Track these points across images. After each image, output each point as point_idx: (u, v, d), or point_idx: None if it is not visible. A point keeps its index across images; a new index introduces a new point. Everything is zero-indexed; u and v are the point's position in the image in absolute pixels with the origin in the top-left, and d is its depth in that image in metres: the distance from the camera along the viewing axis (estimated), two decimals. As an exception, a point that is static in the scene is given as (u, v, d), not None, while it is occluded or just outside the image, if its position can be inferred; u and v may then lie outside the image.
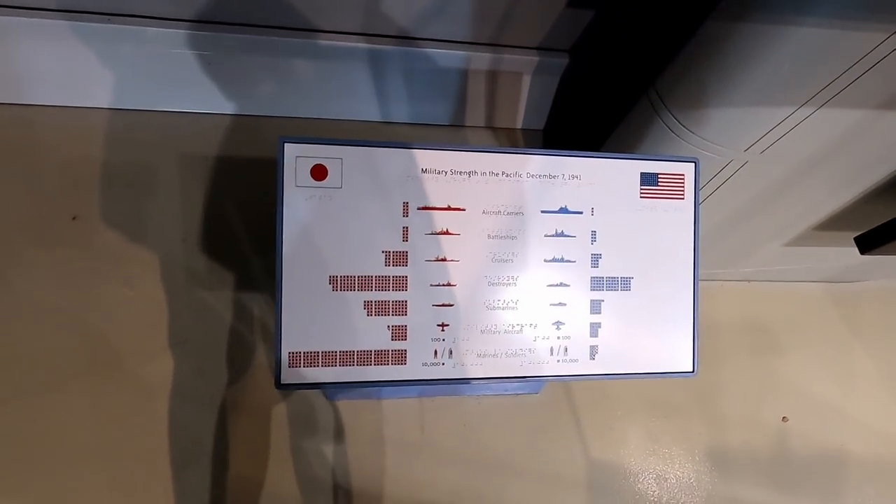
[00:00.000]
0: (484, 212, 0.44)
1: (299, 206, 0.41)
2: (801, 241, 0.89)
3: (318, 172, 0.41)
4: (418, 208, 0.43)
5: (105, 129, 0.94)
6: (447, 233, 0.43)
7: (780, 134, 0.65)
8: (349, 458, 0.80)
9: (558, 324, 0.46)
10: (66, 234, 0.87)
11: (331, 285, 0.42)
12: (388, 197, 0.42)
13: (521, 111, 1.16)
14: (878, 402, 0.96)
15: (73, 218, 0.88)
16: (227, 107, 1.00)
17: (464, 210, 0.44)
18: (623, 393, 0.91)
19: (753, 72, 0.60)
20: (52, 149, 0.91)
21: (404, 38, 0.97)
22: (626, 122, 0.81)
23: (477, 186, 0.44)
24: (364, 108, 1.08)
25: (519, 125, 1.18)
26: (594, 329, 0.47)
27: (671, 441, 0.90)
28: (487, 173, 0.44)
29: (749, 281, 1.04)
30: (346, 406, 0.82)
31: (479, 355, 0.44)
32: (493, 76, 1.07)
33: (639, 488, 0.87)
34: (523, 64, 1.04)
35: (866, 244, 0.76)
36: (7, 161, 0.88)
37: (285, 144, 0.41)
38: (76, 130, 0.93)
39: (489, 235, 0.44)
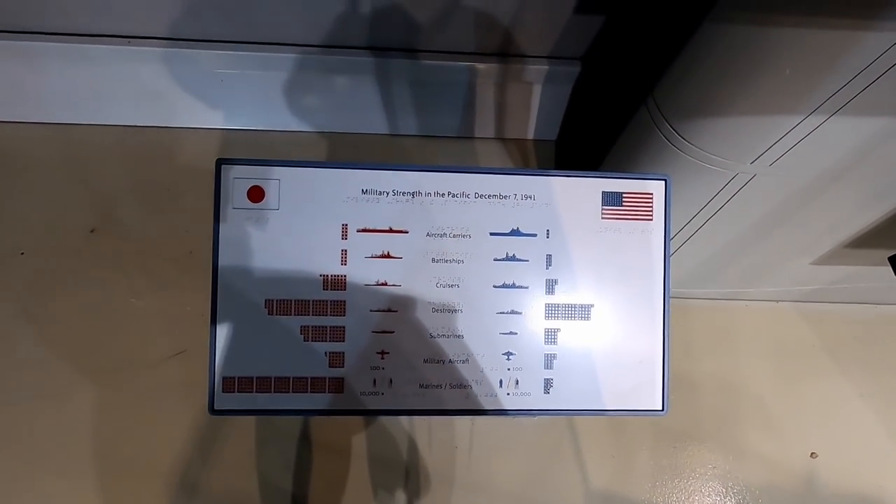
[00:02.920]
0: (428, 234, 0.42)
1: (235, 228, 0.40)
2: (830, 259, 0.81)
3: (255, 194, 0.40)
4: (358, 230, 0.41)
5: (125, 146, 0.99)
6: (388, 256, 0.42)
7: (790, 145, 0.59)
8: (325, 476, 0.79)
9: (509, 354, 0.43)
10: (84, 246, 0.91)
11: (266, 309, 0.41)
12: (327, 219, 0.41)
13: (532, 122, 1.13)
14: (926, 442, 0.85)
15: (92, 231, 0.93)
16: (238, 122, 1.04)
17: (406, 232, 0.42)
18: (630, 419, 0.85)
19: (751, 78, 0.55)
20: (76, 165, 0.96)
21: (411, 51, 0.97)
22: (626, 134, 0.77)
23: (420, 207, 0.42)
24: (371, 121, 1.08)
25: (530, 136, 1.15)
26: (549, 360, 0.43)
27: (680, 473, 0.83)
28: (432, 193, 0.42)
29: (777, 301, 0.95)
30: (331, 421, 0.81)
31: (421, 386, 0.42)
32: (502, 86, 1.04)
33: (641, 524, 0.81)
34: (534, 73, 1.01)
35: (902, 265, 0.68)
36: (33, 176, 0.94)
37: (223, 166, 0.40)
38: (99, 148, 0.98)
39: (433, 259, 0.42)
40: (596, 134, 1.03)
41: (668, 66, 0.68)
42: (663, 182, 0.43)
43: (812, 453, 0.85)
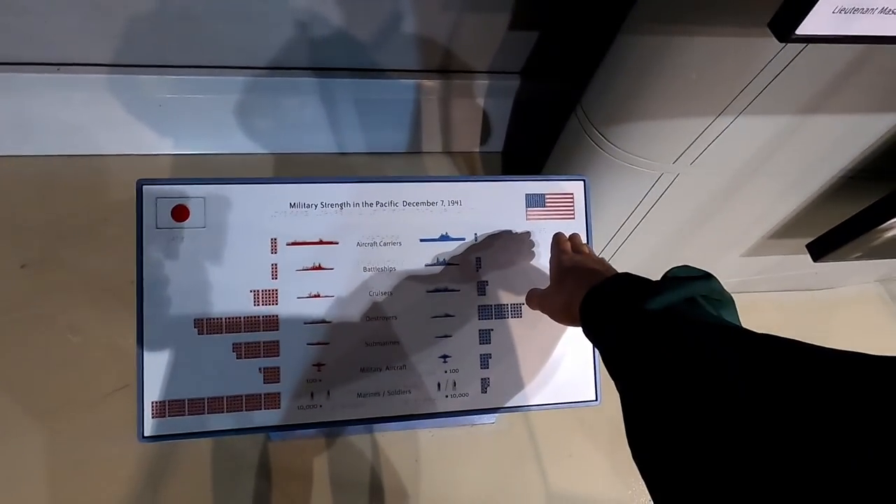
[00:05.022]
0: (358, 244, 0.42)
1: (160, 248, 0.40)
2: (757, 250, 0.86)
3: (179, 213, 0.40)
4: (287, 244, 0.42)
5: (58, 176, 0.95)
6: (320, 268, 0.42)
7: (705, 144, 0.63)
8: (288, 500, 0.77)
9: (445, 357, 0.44)
10: (15, 283, 0.87)
11: (196, 328, 0.40)
12: (255, 234, 0.41)
13: (477, 134, 1.15)
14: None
15: (22, 266, 0.88)
16: (182, 147, 1.02)
17: (337, 243, 0.42)
18: (583, 416, 0.87)
19: (662, 83, 0.59)
20: (3, 198, 0.92)
21: (355, 70, 0.98)
22: (560, 142, 0.80)
23: (349, 218, 0.42)
24: (319, 140, 1.08)
25: (477, 148, 1.18)
26: (484, 360, 0.44)
27: (635, 469, 0.85)
28: (361, 204, 0.43)
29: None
30: (289, 445, 0.79)
31: (359, 395, 0.42)
32: (446, 101, 1.07)
33: (602, 521, 0.82)
34: (475, 88, 1.04)
35: (818, 251, 0.73)
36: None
37: (144, 187, 0.40)
38: (28, 179, 0.94)
39: (365, 268, 0.43)
40: (538, 143, 1.07)
41: (592, 76, 0.72)
42: (582, 182, 0.45)
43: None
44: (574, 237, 0.41)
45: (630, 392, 0.25)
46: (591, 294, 0.33)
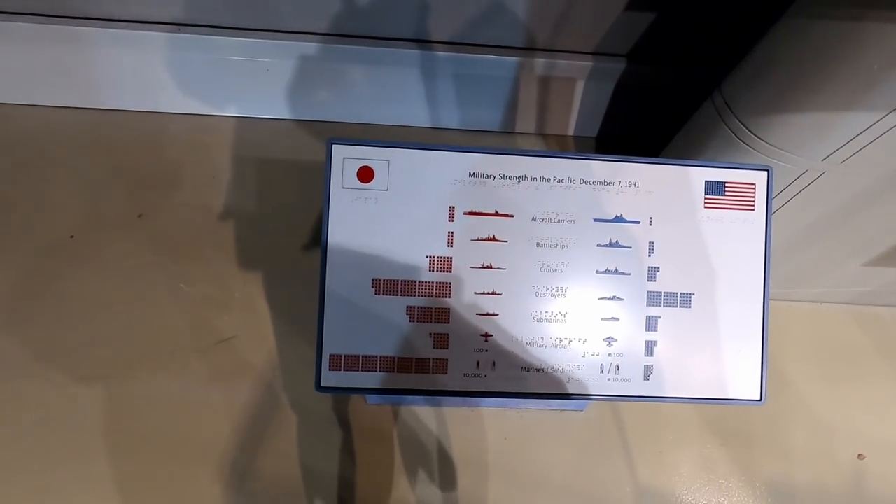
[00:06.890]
0: (533, 219, 0.42)
1: (345, 207, 0.41)
2: (884, 261, 0.81)
3: (365, 174, 0.41)
4: (464, 213, 0.42)
5: (172, 133, 0.99)
6: (494, 239, 0.42)
7: (866, 142, 0.59)
8: (376, 465, 0.79)
9: (610, 340, 0.43)
10: (133, 231, 0.91)
11: (374, 288, 0.41)
12: (434, 200, 0.41)
13: (573, 118, 1.13)
14: (975, 445, 0.85)
15: (139, 216, 0.93)
16: (284, 112, 1.04)
17: (512, 216, 0.42)
18: (676, 414, 0.85)
19: (835, 75, 0.55)
20: (124, 151, 0.97)
21: (455, 44, 0.97)
22: (688, 129, 0.77)
23: (526, 192, 0.42)
24: (414, 113, 1.08)
25: (571, 132, 1.15)
26: (649, 347, 0.43)
27: (728, 471, 0.83)
28: (538, 178, 0.42)
29: (821, 303, 0.95)
30: (383, 411, 0.81)
31: (523, 369, 0.42)
32: (545, 82, 1.04)
33: (691, 520, 0.81)
34: (577, 69, 1.01)
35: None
36: (82, 161, 0.94)
37: (333, 146, 0.41)
38: (146, 134, 0.98)
39: (538, 244, 0.42)
40: (638, 131, 1.03)
41: (734, 62, 0.68)
42: (766, 172, 0.43)
43: (859, 454, 0.85)
44: None
45: None
46: None
